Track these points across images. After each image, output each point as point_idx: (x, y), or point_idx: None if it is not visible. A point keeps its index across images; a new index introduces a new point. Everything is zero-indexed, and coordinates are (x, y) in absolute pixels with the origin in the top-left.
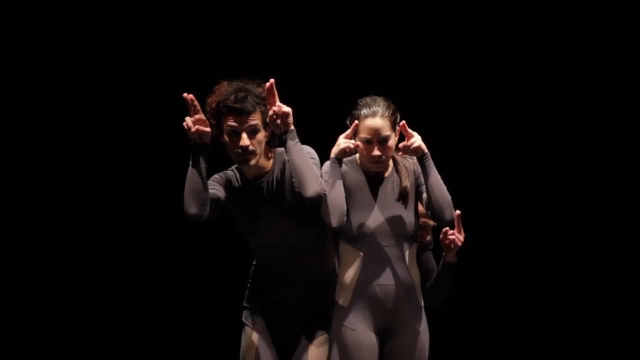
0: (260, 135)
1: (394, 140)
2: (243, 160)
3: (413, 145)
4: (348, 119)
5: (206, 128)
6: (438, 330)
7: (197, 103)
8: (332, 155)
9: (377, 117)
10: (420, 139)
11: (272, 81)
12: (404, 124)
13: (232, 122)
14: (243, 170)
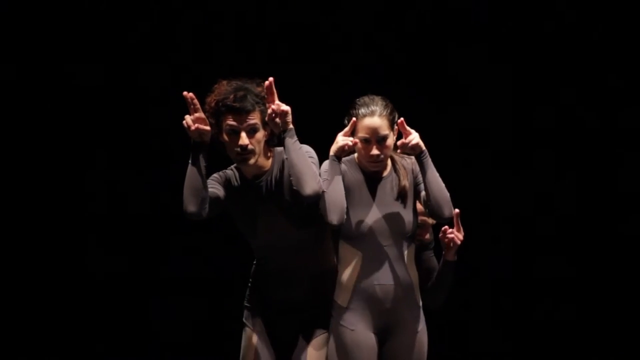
0: (259, 134)
1: (392, 139)
2: (242, 159)
3: (411, 142)
4: (346, 118)
5: (206, 127)
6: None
7: (197, 101)
8: (331, 153)
9: (375, 116)
10: (418, 137)
11: (271, 80)
12: (402, 122)
13: (231, 121)
14: (242, 169)
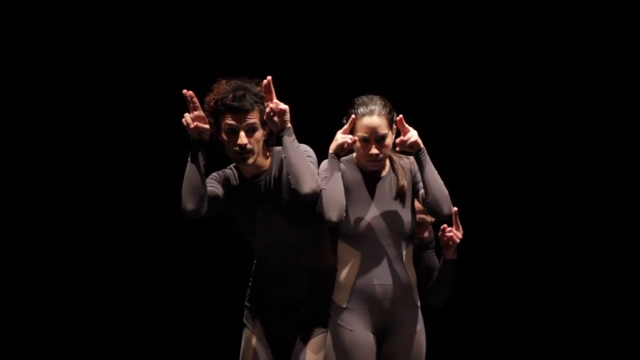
0: (258, 133)
1: (391, 138)
2: (241, 158)
3: (410, 140)
4: (345, 118)
5: (205, 125)
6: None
7: (197, 100)
8: (331, 150)
9: (374, 116)
10: (416, 134)
11: (269, 78)
12: (401, 119)
13: (230, 121)
14: (241, 169)
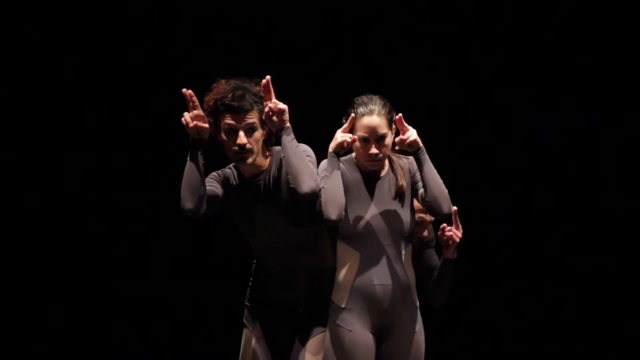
0: (257, 133)
1: (391, 138)
2: (240, 158)
3: (409, 139)
4: (344, 118)
5: (204, 124)
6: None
7: (196, 99)
8: (330, 149)
9: (374, 115)
10: (415, 133)
11: (268, 78)
12: (401, 117)
13: (230, 120)
14: (240, 168)
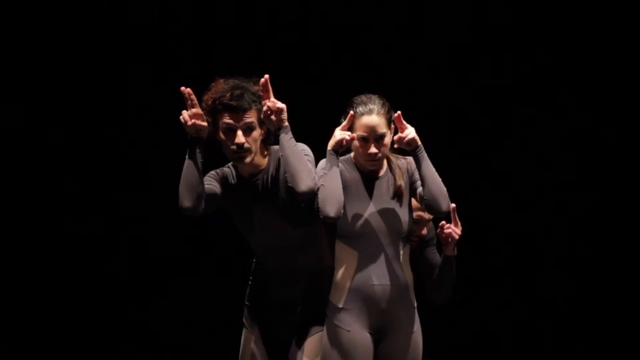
0: (255, 133)
1: (390, 137)
2: (238, 157)
3: (407, 137)
4: (343, 117)
5: (203, 122)
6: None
7: (195, 97)
8: (329, 147)
9: (374, 115)
10: (414, 131)
11: (267, 77)
12: (399, 115)
13: (228, 120)
14: (238, 167)
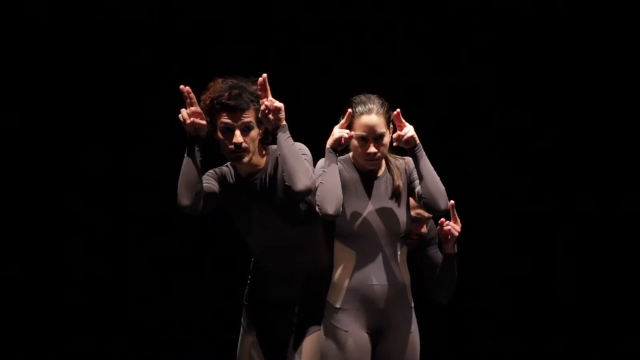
0: (253, 132)
1: (389, 137)
2: (236, 157)
3: (406, 135)
4: (341, 117)
5: (202, 121)
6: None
7: (194, 95)
8: (328, 145)
9: (373, 114)
10: (412, 130)
11: (265, 76)
12: (398, 113)
13: (226, 119)
14: (237, 167)
